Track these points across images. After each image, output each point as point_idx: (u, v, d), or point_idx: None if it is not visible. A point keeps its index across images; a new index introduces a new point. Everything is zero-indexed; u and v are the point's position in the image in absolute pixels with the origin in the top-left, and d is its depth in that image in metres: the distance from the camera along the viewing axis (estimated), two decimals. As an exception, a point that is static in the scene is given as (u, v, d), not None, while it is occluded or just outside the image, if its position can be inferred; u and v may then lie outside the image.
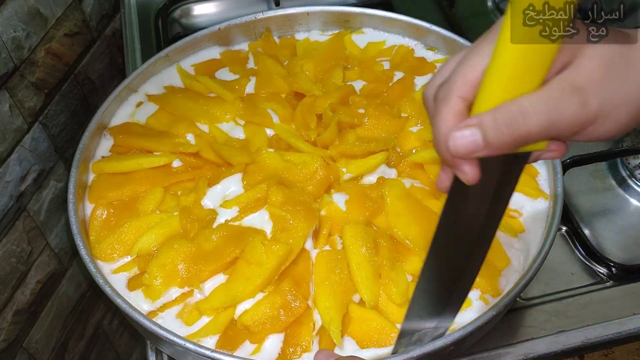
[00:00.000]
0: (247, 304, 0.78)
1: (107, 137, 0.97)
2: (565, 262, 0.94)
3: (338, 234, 0.85)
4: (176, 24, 1.36)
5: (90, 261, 0.79)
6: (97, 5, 1.21)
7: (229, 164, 0.93)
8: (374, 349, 0.74)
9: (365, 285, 0.78)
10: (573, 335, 0.85)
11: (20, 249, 1.01)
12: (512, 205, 0.88)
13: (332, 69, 1.06)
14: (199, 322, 0.78)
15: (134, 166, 0.91)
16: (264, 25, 1.12)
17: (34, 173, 1.03)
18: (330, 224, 0.85)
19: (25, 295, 1.04)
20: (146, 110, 1.01)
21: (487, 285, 0.80)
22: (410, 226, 0.83)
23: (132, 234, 0.84)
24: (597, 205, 1.02)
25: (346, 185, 0.90)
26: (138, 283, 0.81)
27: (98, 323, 1.30)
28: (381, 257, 0.81)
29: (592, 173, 1.06)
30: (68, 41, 1.11)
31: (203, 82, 1.03)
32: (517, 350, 0.84)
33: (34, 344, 1.08)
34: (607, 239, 0.98)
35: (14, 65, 0.96)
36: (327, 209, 0.87)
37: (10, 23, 0.94)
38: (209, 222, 0.86)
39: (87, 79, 1.19)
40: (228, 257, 0.81)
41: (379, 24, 1.13)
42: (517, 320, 0.87)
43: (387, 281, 0.78)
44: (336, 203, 0.87)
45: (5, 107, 0.95)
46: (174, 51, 1.07)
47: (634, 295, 0.90)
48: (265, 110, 0.99)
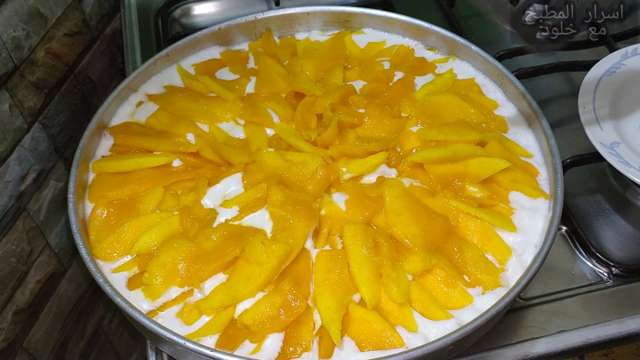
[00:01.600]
0: (247, 304, 0.78)
1: (107, 136, 0.97)
2: (565, 262, 0.94)
3: (338, 234, 0.85)
4: (176, 24, 1.36)
5: (90, 260, 0.79)
6: (97, 5, 1.21)
7: (229, 164, 0.93)
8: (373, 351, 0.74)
9: (366, 285, 0.78)
10: (573, 335, 0.85)
11: (20, 248, 1.01)
12: (512, 204, 0.88)
13: (332, 69, 1.06)
14: (199, 322, 0.78)
15: (134, 166, 0.91)
16: (264, 25, 1.12)
17: (33, 173, 1.03)
18: (330, 224, 0.85)
19: (25, 295, 1.04)
20: (146, 109, 1.01)
21: (489, 283, 0.80)
22: (410, 226, 0.83)
23: (132, 234, 0.84)
24: (597, 205, 1.02)
25: (346, 185, 0.90)
26: (138, 282, 0.81)
27: (98, 323, 1.30)
28: (381, 257, 0.81)
29: (592, 173, 1.06)
30: (68, 41, 1.11)
31: (203, 81, 1.03)
32: (517, 350, 0.84)
33: (33, 344, 1.08)
34: (607, 239, 0.98)
35: (14, 65, 0.96)
36: (327, 209, 0.87)
37: (10, 23, 0.94)
38: (209, 221, 0.86)
39: (87, 79, 1.19)
40: (228, 256, 0.81)
41: (379, 24, 1.13)
42: (517, 320, 0.87)
43: (388, 281, 0.78)
44: (336, 203, 0.87)
45: (5, 107, 0.95)
46: (174, 51, 1.07)
47: (634, 295, 0.90)
48: (265, 110, 1.00)
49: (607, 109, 1.05)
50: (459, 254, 0.83)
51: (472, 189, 0.88)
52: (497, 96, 1.03)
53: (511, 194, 0.89)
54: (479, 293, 0.80)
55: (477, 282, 0.80)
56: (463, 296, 0.79)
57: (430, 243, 0.82)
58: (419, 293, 0.79)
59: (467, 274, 0.81)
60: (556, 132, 0.91)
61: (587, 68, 1.11)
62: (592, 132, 1.00)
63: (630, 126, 1.04)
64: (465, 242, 0.84)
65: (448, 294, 0.79)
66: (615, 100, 1.07)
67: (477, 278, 0.80)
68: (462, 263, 0.82)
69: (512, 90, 1.00)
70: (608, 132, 1.01)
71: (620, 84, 1.09)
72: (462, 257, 0.82)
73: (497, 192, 0.89)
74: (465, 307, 0.78)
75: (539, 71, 1.17)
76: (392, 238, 0.84)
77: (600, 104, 1.05)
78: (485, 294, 0.79)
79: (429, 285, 0.80)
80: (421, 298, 0.79)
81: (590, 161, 1.03)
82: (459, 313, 0.78)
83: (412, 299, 0.79)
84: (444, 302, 0.79)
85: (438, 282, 0.80)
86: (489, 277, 0.80)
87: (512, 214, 0.87)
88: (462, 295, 0.79)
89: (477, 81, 1.05)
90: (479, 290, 0.80)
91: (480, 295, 0.79)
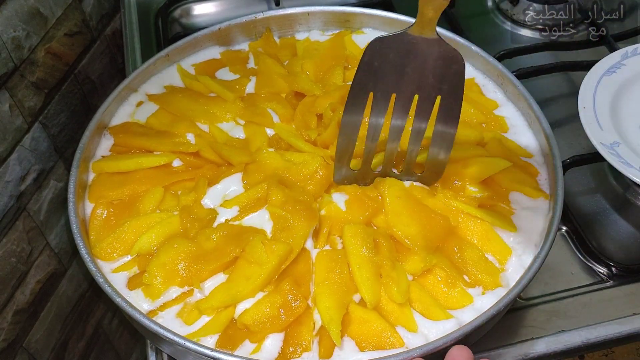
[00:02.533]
0: (247, 304, 0.78)
1: (108, 136, 0.97)
2: (565, 262, 0.94)
3: (338, 234, 0.85)
4: (176, 24, 1.36)
5: (90, 260, 0.79)
6: (97, 5, 1.21)
7: (229, 164, 0.93)
8: (373, 351, 0.74)
9: (366, 285, 0.78)
10: (573, 335, 0.85)
11: (20, 248, 1.01)
12: (512, 205, 0.88)
13: (333, 69, 1.06)
14: (199, 322, 0.78)
15: (134, 166, 0.91)
16: (264, 25, 1.12)
17: (34, 173, 1.03)
18: (330, 224, 0.85)
19: (25, 295, 1.04)
20: (146, 109, 1.01)
21: (490, 283, 0.80)
22: (410, 226, 0.83)
23: (132, 234, 0.84)
24: (597, 205, 1.02)
25: (346, 185, 0.90)
26: (138, 282, 0.81)
27: (98, 323, 1.30)
28: (381, 257, 0.81)
29: (593, 173, 1.06)
30: (68, 41, 1.11)
31: (203, 81, 1.03)
32: (517, 350, 0.84)
33: (34, 344, 1.08)
34: (607, 239, 0.98)
35: (14, 65, 0.96)
36: (327, 209, 0.87)
37: (10, 23, 0.94)
38: (209, 221, 0.86)
39: (87, 79, 1.19)
40: (228, 256, 0.81)
41: (379, 24, 1.13)
42: (517, 320, 0.87)
43: (388, 281, 0.78)
44: (336, 203, 0.87)
45: (5, 107, 0.95)
46: (174, 51, 1.07)
47: (634, 295, 0.90)
48: (265, 110, 1.00)
49: (607, 109, 1.05)
50: (459, 254, 0.83)
51: (472, 188, 0.88)
52: (497, 96, 1.03)
53: (511, 194, 0.89)
54: (479, 293, 0.80)
55: (477, 282, 0.80)
56: (463, 296, 0.79)
57: (431, 243, 0.82)
58: (419, 293, 0.79)
59: (467, 274, 0.81)
60: (556, 132, 0.91)
61: (587, 68, 1.11)
62: (592, 132, 1.00)
63: (630, 126, 1.04)
64: (465, 242, 0.84)
65: (448, 294, 0.79)
66: (615, 100, 1.07)
67: (477, 278, 0.80)
68: (462, 263, 0.82)
69: (512, 90, 1.00)
70: (608, 132, 1.01)
71: (620, 84, 1.09)
72: (462, 257, 0.82)
73: (497, 192, 0.89)
74: (465, 307, 0.78)
75: (539, 71, 1.17)
76: (392, 238, 0.84)
77: (600, 104, 1.05)
78: (486, 294, 0.79)
79: (429, 285, 0.80)
80: (421, 298, 0.79)
81: (590, 161, 1.03)
82: (459, 313, 0.78)
83: (412, 299, 0.79)
84: (444, 302, 0.79)
85: (438, 282, 0.80)
86: (489, 277, 0.80)
87: (512, 214, 0.87)
88: (462, 295, 0.79)
89: (477, 81, 1.05)
90: (479, 290, 0.80)
91: (481, 295, 0.79)
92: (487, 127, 0.97)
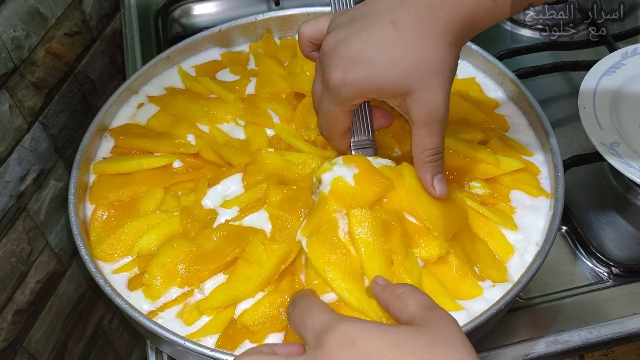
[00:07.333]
0: (247, 304, 0.78)
1: (108, 138, 0.97)
2: (565, 262, 0.94)
3: (345, 209, 0.77)
4: (176, 24, 1.36)
5: (90, 261, 0.79)
6: (97, 5, 1.21)
7: (229, 164, 0.93)
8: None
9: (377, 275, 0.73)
10: (573, 335, 0.85)
11: (20, 248, 1.01)
12: (513, 203, 0.88)
13: (332, 69, 1.06)
14: (199, 322, 0.77)
15: (134, 167, 0.91)
16: (265, 26, 1.12)
17: (33, 173, 1.03)
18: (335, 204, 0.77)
19: (25, 295, 1.04)
20: (147, 111, 1.01)
21: (498, 277, 0.79)
22: (431, 207, 0.78)
23: (132, 234, 0.84)
24: (597, 204, 1.02)
25: (354, 157, 0.82)
26: (138, 283, 0.81)
27: (98, 323, 1.30)
28: (393, 243, 0.75)
29: (593, 173, 1.06)
30: (68, 41, 1.11)
31: (204, 83, 1.03)
32: (517, 350, 0.84)
33: (34, 344, 1.08)
34: (607, 238, 0.98)
35: (14, 65, 0.96)
36: (334, 184, 0.78)
37: (10, 23, 0.94)
38: (209, 222, 0.86)
39: (87, 79, 1.19)
40: (228, 256, 0.81)
41: (379, 24, 1.12)
42: (517, 320, 0.88)
43: (400, 270, 0.74)
44: (344, 177, 0.79)
45: (5, 107, 0.95)
46: (174, 52, 1.07)
47: (634, 295, 0.90)
48: (265, 111, 0.99)
49: (607, 109, 1.05)
50: (471, 245, 0.81)
51: (476, 184, 0.88)
52: (498, 95, 1.03)
53: (512, 192, 0.89)
54: (490, 286, 0.78)
55: (487, 275, 0.79)
56: (474, 287, 0.77)
57: (450, 229, 0.78)
58: (430, 282, 0.76)
59: (478, 267, 0.80)
60: (556, 132, 0.91)
61: (587, 68, 1.11)
62: (592, 132, 1.00)
63: (630, 126, 1.04)
64: (476, 236, 0.83)
65: (459, 284, 0.77)
66: (615, 100, 1.07)
67: (487, 272, 0.79)
68: (475, 255, 0.80)
69: (513, 90, 1.00)
70: (608, 132, 1.01)
71: (620, 84, 1.09)
72: (474, 249, 0.80)
73: (498, 190, 0.89)
74: (475, 298, 0.76)
75: (539, 71, 1.17)
76: (404, 221, 0.78)
77: (600, 103, 1.05)
78: (496, 286, 0.78)
79: (440, 274, 0.77)
80: (432, 287, 0.76)
81: (590, 161, 1.03)
82: (469, 304, 0.76)
83: (423, 287, 0.75)
84: (455, 292, 0.77)
85: (450, 271, 0.78)
86: (498, 272, 0.79)
87: (513, 212, 0.87)
88: (473, 286, 0.77)
89: (477, 80, 1.05)
90: (489, 283, 0.78)
91: (491, 288, 0.78)
92: (488, 125, 0.97)
